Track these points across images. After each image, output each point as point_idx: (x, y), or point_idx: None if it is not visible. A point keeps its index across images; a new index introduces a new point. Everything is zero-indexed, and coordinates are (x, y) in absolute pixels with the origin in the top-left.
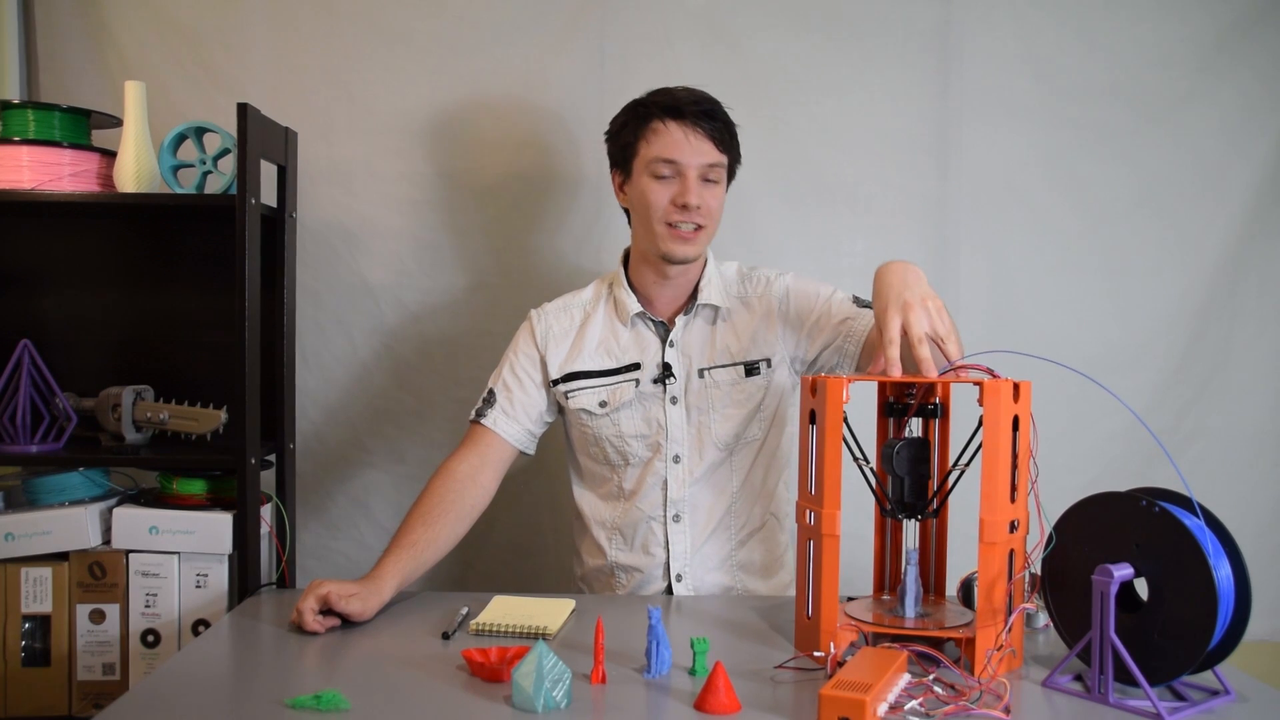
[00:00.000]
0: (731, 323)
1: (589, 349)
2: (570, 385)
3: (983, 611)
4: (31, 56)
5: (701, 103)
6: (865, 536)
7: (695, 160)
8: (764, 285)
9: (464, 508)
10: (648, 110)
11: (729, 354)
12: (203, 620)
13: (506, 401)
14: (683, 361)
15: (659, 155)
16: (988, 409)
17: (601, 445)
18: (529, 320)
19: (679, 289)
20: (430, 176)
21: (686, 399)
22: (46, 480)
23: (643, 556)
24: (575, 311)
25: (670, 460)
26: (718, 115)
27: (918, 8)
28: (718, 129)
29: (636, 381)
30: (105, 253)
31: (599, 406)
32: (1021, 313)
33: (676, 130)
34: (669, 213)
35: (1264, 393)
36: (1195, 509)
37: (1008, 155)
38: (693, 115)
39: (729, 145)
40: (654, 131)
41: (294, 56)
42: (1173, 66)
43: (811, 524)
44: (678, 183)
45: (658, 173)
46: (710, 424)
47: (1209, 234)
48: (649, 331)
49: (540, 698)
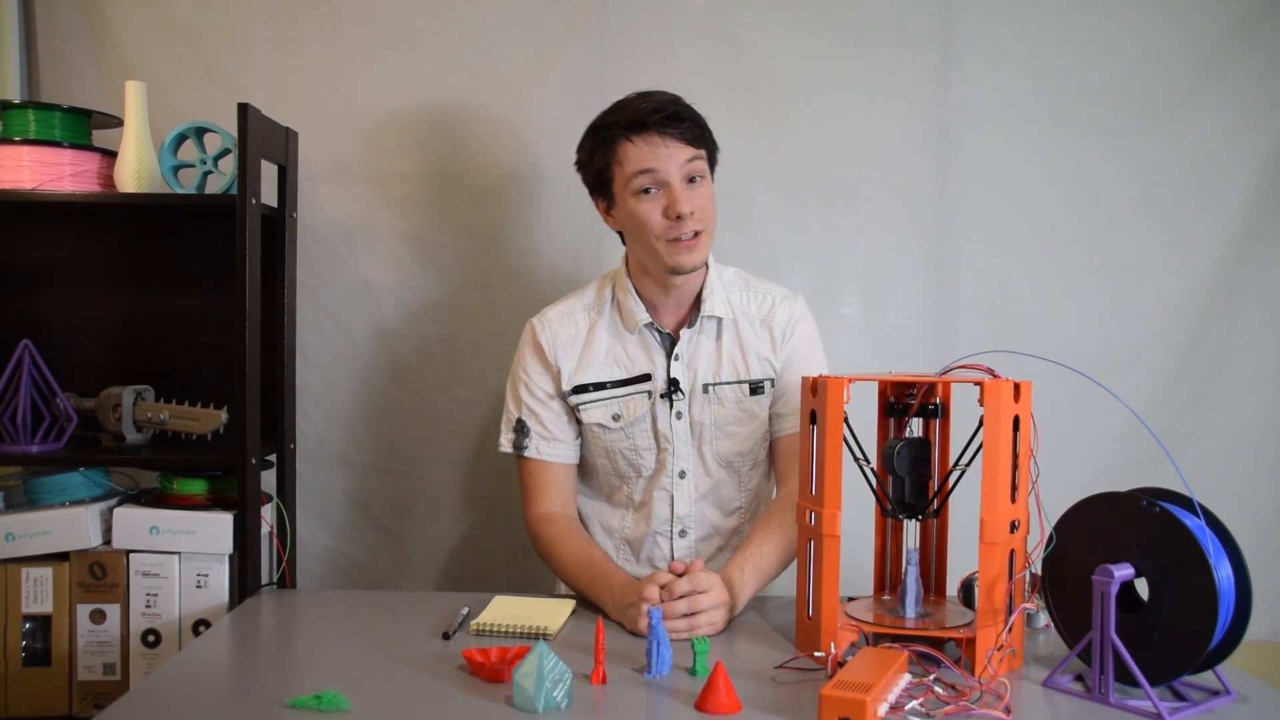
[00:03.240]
0: (737, 336)
1: (598, 359)
2: (582, 398)
3: (983, 611)
4: (32, 56)
5: (662, 107)
6: (866, 536)
7: (674, 165)
8: (770, 306)
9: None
10: (611, 132)
11: (734, 370)
12: (203, 620)
13: (540, 427)
14: (688, 376)
15: (636, 170)
16: (988, 409)
17: (613, 457)
18: (531, 332)
19: (682, 298)
20: (430, 176)
21: (691, 414)
22: (47, 480)
23: (648, 569)
24: (579, 317)
25: (676, 475)
26: (683, 114)
27: (918, 8)
28: (687, 128)
29: (649, 394)
30: (106, 253)
31: (613, 420)
32: (1022, 313)
33: (645, 144)
34: (665, 229)
35: (1264, 393)
36: (1196, 509)
37: (1008, 155)
38: (657, 123)
39: (702, 139)
40: (624, 151)
41: (294, 56)
42: (1173, 66)
43: (812, 524)
44: (664, 194)
45: (641, 188)
46: (714, 440)
47: (1210, 234)
48: (655, 343)
49: (541, 698)
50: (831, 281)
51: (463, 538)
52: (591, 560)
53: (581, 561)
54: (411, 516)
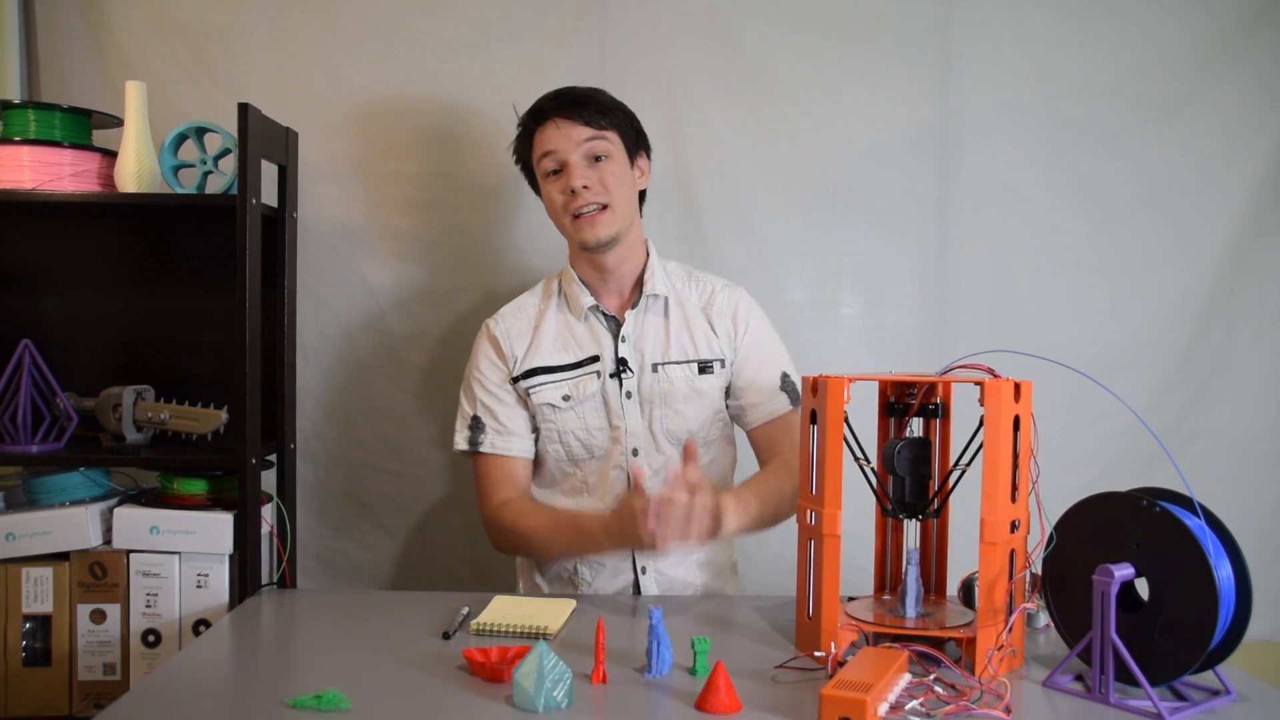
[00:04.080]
0: (684, 316)
1: (546, 344)
2: (531, 381)
3: (983, 611)
4: (32, 56)
5: (565, 95)
6: (866, 536)
7: (569, 145)
8: (709, 294)
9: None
10: (524, 126)
11: (682, 350)
12: (203, 620)
13: (494, 421)
14: (635, 356)
15: (541, 154)
16: (988, 409)
17: (565, 440)
18: (486, 331)
19: (620, 281)
20: (430, 176)
21: (640, 392)
22: (47, 480)
23: None
24: (529, 310)
25: (629, 453)
26: (584, 100)
27: (918, 8)
28: (587, 111)
29: (598, 374)
30: (106, 253)
31: (563, 400)
32: (1022, 313)
33: (548, 127)
34: (566, 204)
35: (1264, 393)
36: (1196, 509)
37: (1008, 155)
38: (554, 109)
39: (609, 122)
40: (534, 140)
41: (294, 56)
42: (1173, 66)
43: (812, 524)
44: (565, 174)
45: (547, 170)
46: (663, 418)
47: (1209, 234)
48: (601, 326)
49: (541, 698)
50: (831, 281)
51: (463, 538)
52: (565, 517)
53: (558, 523)
54: (411, 516)
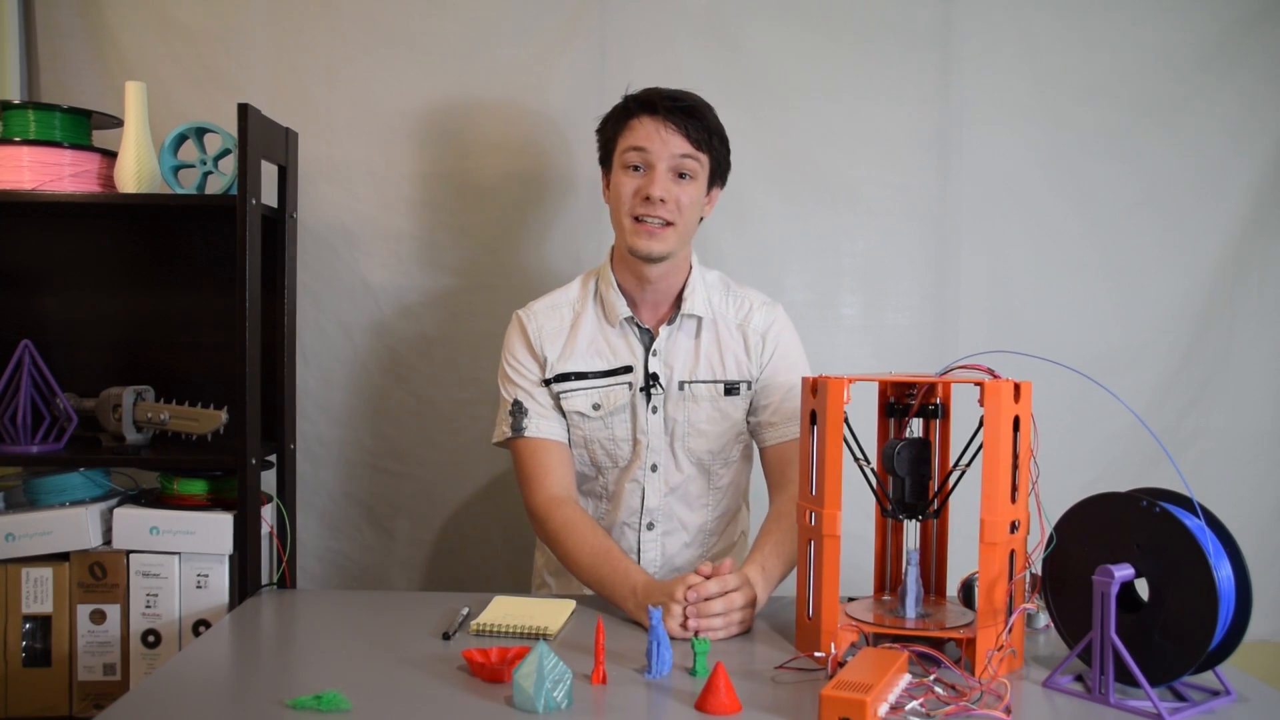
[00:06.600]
0: (715, 337)
1: (581, 349)
2: (564, 386)
3: (983, 612)
4: (32, 57)
5: (680, 99)
6: (866, 537)
7: (664, 152)
8: (746, 311)
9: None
10: (627, 105)
11: (710, 370)
12: (203, 620)
13: (537, 405)
14: (665, 371)
15: (631, 145)
16: (988, 409)
17: (590, 448)
18: (518, 322)
19: (660, 294)
20: (430, 176)
21: (666, 409)
22: (47, 480)
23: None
24: (564, 310)
25: (649, 469)
26: (696, 114)
27: (918, 8)
28: (694, 125)
29: (630, 385)
30: (106, 253)
31: (593, 409)
32: (1022, 313)
33: (650, 123)
34: (634, 205)
35: (1264, 393)
36: (1196, 509)
37: (1008, 155)
38: (665, 109)
39: (707, 144)
40: (629, 126)
41: (294, 56)
42: (1173, 66)
43: (812, 524)
44: (647, 175)
45: (629, 163)
46: (686, 437)
47: (1209, 234)
48: (634, 337)
49: (541, 698)
50: (831, 281)
51: (463, 538)
52: (610, 554)
53: (599, 554)
54: (411, 516)
